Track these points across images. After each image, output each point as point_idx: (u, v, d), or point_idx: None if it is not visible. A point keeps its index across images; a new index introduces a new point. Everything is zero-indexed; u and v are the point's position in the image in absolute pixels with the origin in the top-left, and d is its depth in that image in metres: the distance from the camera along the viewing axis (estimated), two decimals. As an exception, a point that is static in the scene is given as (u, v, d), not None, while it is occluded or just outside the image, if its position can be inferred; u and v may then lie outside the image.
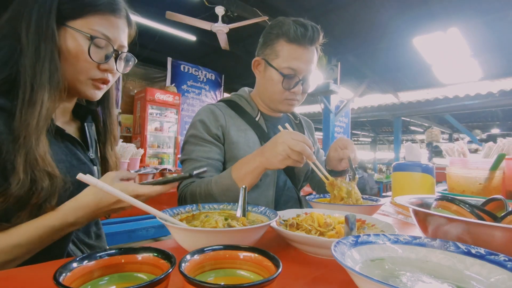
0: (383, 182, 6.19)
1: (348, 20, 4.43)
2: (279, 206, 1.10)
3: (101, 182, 0.46)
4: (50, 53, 0.62)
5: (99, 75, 0.70)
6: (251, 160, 0.85)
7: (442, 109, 6.82)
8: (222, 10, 3.90)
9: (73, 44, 0.66)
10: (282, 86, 1.02)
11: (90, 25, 0.66)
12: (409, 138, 15.04)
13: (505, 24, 4.16)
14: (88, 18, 0.66)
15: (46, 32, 0.62)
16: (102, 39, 0.68)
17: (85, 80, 0.69)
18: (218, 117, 1.03)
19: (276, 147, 0.79)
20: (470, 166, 1.02)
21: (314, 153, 1.30)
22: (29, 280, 0.45)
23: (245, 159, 0.88)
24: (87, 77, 0.69)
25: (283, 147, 0.77)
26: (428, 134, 8.60)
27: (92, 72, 0.69)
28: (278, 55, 1.02)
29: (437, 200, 0.63)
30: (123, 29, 0.73)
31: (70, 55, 0.66)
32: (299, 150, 0.76)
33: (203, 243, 0.42)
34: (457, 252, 0.43)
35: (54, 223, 0.59)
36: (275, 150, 0.79)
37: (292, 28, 0.99)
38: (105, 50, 0.70)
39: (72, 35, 0.66)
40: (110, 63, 0.71)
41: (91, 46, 0.66)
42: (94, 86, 0.72)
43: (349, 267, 0.33)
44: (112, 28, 0.69)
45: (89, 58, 0.67)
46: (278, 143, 0.79)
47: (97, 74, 0.70)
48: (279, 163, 0.79)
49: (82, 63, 0.67)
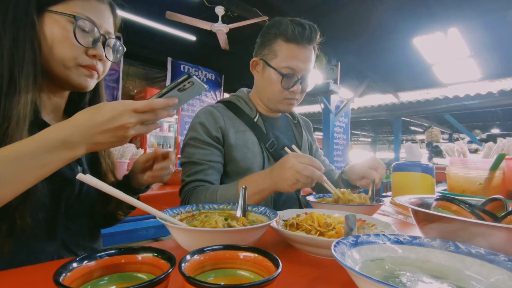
0: (383, 182, 6.19)
1: (348, 20, 4.43)
2: (278, 206, 1.10)
3: (101, 182, 0.46)
4: (30, 42, 0.61)
5: (88, 61, 0.68)
6: (259, 181, 0.84)
7: (442, 109, 6.82)
8: (222, 10, 3.90)
9: (57, 29, 0.63)
10: (281, 86, 1.02)
11: (73, 9, 0.64)
12: (409, 138, 15.04)
13: (504, 24, 4.16)
14: (69, 2, 0.65)
15: (25, 21, 0.61)
16: (87, 21, 0.66)
17: (73, 66, 0.66)
18: (218, 119, 1.03)
19: (284, 173, 0.78)
20: (470, 166, 1.02)
21: (312, 153, 1.31)
22: (29, 280, 0.45)
23: (253, 177, 0.87)
24: (75, 63, 0.66)
25: (291, 173, 0.77)
26: (428, 134, 8.60)
27: (80, 58, 0.66)
28: (277, 55, 1.02)
29: (437, 200, 0.63)
30: (107, 15, 0.71)
31: (55, 41, 0.63)
32: (307, 175, 0.76)
33: (203, 243, 0.42)
34: (457, 252, 0.43)
35: (42, 136, 0.51)
36: (283, 175, 0.78)
37: (289, 28, 0.99)
38: (91, 35, 0.67)
39: (55, 19, 0.64)
40: (98, 49, 0.68)
41: (76, 28, 0.64)
42: (84, 74, 0.68)
43: (349, 267, 0.33)
44: (95, 12, 0.68)
45: (76, 41, 0.64)
46: (285, 168, 0.78)
47: (85, 60, 0.67)
48: (289, 187, 0.79)
49: (68, 48, 0.64)
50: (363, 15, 4.27)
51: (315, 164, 0.77)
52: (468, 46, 4.85)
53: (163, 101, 0.56)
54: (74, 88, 0.72)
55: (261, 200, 0.86)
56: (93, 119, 0.52)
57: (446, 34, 4.45)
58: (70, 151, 0.52)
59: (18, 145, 0.50)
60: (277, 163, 0.83)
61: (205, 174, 0.97)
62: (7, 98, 0.58)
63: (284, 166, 0.79)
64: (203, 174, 0.97)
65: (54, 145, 0.50)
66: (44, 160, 0.50)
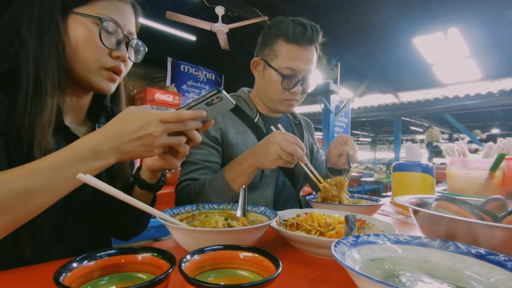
0: (383, 182, 6.19)
1: (348, 20, 4.43)
2: (278, 206, 1.10)
3: (101, 182, 0.46)
4: (55, 44, 0.61)
5: (111, 63, 0.67)
6: (242, 160, 0.85)
7: (442, 109, 6.82)
8: (222, 10, 3.90)
9: (82, 31, 0.63)
10: (282, 87, 1.02)
11: (97, 10, 0.64)
12: (409, 138, 15.04)
13: (504, 24, 4.16)
14: (94, 4, 0.64)
15: (50, 23, 0.61)
16: (111, 23, 0.65)
17: (97, 69, 0.66)
18: (217, 120, 1.03)
19: (267, 148, 0.79)
20: (470, 166, 1.02)
21: (313, 154, 1.31)
22: (29, 280, 0.45)
23: (237, 159, 0.88)
24: (99, 66, 0.66)
25: (274, 148, 0.78)
26: (428, 134, 8.59)
27: (104, 60, 0.66)
28: (277, 55, 1.02)
29: (437, 200, 0.63)
30: (130, 15, 0.71)
31: (80, 43, 0.63)
32: (290, 152, 0.77)
33: (203, 243, 0.42)
34: (457, 252, 0.43)
35: (75, 147, 0.52)
36: (266, 150, 0.79)
37: (291, 28, 0.99)
38: (115, 36, 0.67)
39: (80, 21, 0.64)
40: (121, 50, 0.68)
41: (101, 30, 0.64)
42: (107, 77, 0.69)
43: (349, 267, 0.33)
44: (119, 13, 0.67)
45: (101, 44, 0.64)
46: (269, 143, 0.79)
47: (109, 62, 0.67)
48: (270, 163, 0.79)
49: (93, 50, 0.64)
50: (363, 15, 4.28)
51: (298, 143, 0.78)
52: (468, 46, 4.85)
53: (190, 112, 0.57)
54: (95, 91, 0.71)
55: (247, 181, 0.85)
56: (122, 128, 0.53)
57: (446, 34, 4.45)
58: (101, 160, 0.53)
59: (54, 156, 0.51)
60: (261, 140, 0.84)
61: (200, 173, 0.98)
62: (33, 101, 0.58)
63: (269, 141, 0.80)
64: (197, 173, 0.97)
65: (86, 154, 0.51)
66: (78, 170, 0.50)
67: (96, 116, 0.78)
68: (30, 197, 0.48)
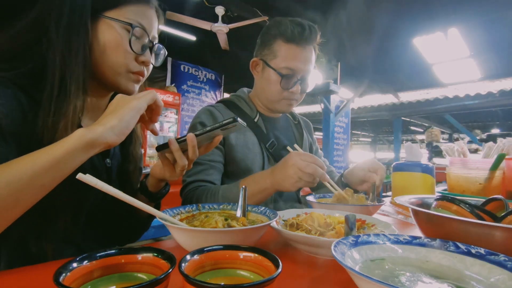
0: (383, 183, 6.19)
1: (348, 20, 4.43)
2: (278, 206, 1.10)
3: (101, 182, 0.46)
4: (82, 48, 0.61)
5: (137, 67, 0.68)
6: (260, 180, 0.84)
7: (442, 109, 6.82)
8: (222, 10, 3.90)
9: (111, 35, 0.64)
10: (281, 86, 1.02)
11: (126, 15, 0.65)
12: (409, 138, 15.04)
13: (505, 24, 4.16)
14: (123, 8, 0.65)
15: (79, 27, 0.61)
16: (140, 29, 0.66)
17: (124, 73, 0.67)
18: (218, 119, 1.03)
19: (286, 170, 0.78)
20: (470, 166, 1.02)
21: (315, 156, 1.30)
22: (29, 280, 0.45)
23: (255, 177, 0.87)
24: (126, 70, 0.67)
25: (293, 170, 0.76)
26: (428, 134, 8.59)
27: (131, 64, 0.67)
28: (276, 55, 1.02)
29: (437, 200, 0.63)
30: (154, 20, 0.72)
31: (108, 47, 0.64)
32: (310, 172, 0.75)
33: (203, 243, 0.42)
34: (457, 252, 0.43)
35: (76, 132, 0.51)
36: (286, 173, 0.78)
37: (289, 28, 0.99)
38: (142, 41, 0.68)
39: (109, 25, 0.64)
40: (146, 55, 0.69)
41: (132, 36, 0.64)
42: (133, 80, 0.69)
43: (349, 267, 0.33)
44: (146, 18, 0.68)
45: (129, 49, 0.65)
46: (288, 166, 0.78)
47: (135, 67, 0.68)
48: (291, 186, 0.78)
49: (121, 54, 0.65)
50: (363, 15, 4.27)
51: (317, 162, 0.77)
52: (468, 46, 4.85)
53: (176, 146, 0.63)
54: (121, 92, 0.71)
55: (262, 200, 0.85)
56: (119, 97, 0.58)
57: (446, 34, 4.45)
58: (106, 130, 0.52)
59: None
60: (279, 162, 0.82)
61: (206, 174, 0.97)
62: (57, 103, 0.58)
63: (287, 164, 0.78)
64: (204, 174, 0.97)
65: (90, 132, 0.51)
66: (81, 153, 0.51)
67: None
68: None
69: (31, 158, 0.47)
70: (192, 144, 0.62)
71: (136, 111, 0.55)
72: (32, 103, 0.59)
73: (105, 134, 0.51)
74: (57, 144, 0.50)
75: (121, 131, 0.53)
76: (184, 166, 0.65)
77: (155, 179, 0.74)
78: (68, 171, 0.50)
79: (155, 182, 0.74)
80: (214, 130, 0.61)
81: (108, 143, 0.53)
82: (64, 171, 0.50)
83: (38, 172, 0.46)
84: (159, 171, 0.71)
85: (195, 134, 0.62)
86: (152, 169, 0.74)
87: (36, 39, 0.61)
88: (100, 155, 0.70)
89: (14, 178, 0.45)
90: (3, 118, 0.53)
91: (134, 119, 0.55)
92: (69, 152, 0.49)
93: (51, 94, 0.58)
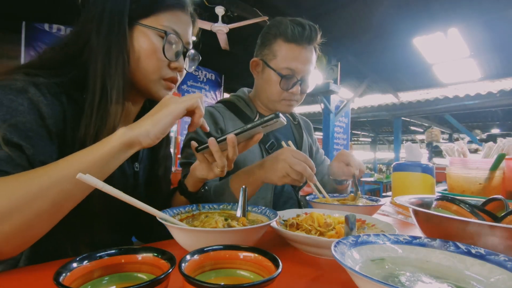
0: (383, 182, 6.19)
1: (348, 20, 4.43)
2: (277, 207, 1.10)
3: (101, 183, 0.46)
4: (121, 56, 0.62)
5: (170, 73, 0.69)
6: (250, 172, 0.84)
7: (442, 109, 6.81)
8: (222, 10, 3.89)
9: (146, 42, 0.65)
10: (280, 87, 1.02)
11: (161, 22, 0.65)
12: (409, 138, 15.03)
13: (505, 24, 4.16)
14: (158, 15, 0.66)
15: (118, 33, 0.62)
16: (174, 36, 0.67)
17: (157, 79, 0.68)
18: (217, 120, 1.03)
19: (276, 164, 0.78)
20: (470, 166, 1.02)
21: (312, 155, 1.30)
22: (29, 281, 0.45)
23: (246, 169, 0.87)
24: (159, 77, 0.68)
25: (283, 165, 0.76)
26: (428, 134, 8.59)
27: (163, 71, 0.68)
28: (276, 56, 1.02)
29: (437, 200, 0.63)
30: (189, 25, 0.72)
31: (142, 54, 0.65)
32: (299, 170, 0.75)
33: (203, 243, 0.42)
34: (457, 252, 0.43)
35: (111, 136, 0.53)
36: (275, 167, 0.78)
37: (289, 28, 0.99)
38: (175, 48, 0.68)
39: (144, 32, 0.65)
40: (180, 61, 0.70)
41: (165, 43, 0.65)
42: (165, 86, 0.70)
43: (349, 267, 0.33)
44: (181, 24, 0.69)
45: (163, 56, 0.66)
46: (279, 159, 0.78)
47: (168, 73, 0.69)
48: (277, 179, 0.78)
49: (154, 61, 0.66)
50: (363, 15, 4.27)
51: (308, 162, 0.77)
52: (468, 46, 4.85)
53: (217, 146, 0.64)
54: (153, 99, 0.73)
55: (252, 193, 0.85)
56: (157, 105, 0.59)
57: (446, 34, 4.45)
58: (141, 136, 0.54)
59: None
60: (271, 155, 0.83)
61: None
62: (99, 111, 0.59)
63: (278, 157, 0.78)
64: None
65: (125, 140, 0.53)
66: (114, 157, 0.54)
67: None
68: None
69: (77, 158, 0.50)
70: (233, 145, 0.63)
71: (172, 117, 0.56)
72: (73, 106, 0.61)
73: (140, 137, 0.54)
74: (100, 143, 0.52)
75: (156, 135, 0.55)
76: (224, 166, 0.66)
77: (194, 179, 0.75)
78: (110, 170, 0.53)
79: (194, 182, 0.75)
80: (255, 128, 0.61)
81: (142, 146, 0.55)
82: (107, 170, 0.52)
83: (85, 171, 0.47)
84: (199, 171, 0.72)
85: (235, 133, 0.62)
86: (192, 169, 0.75)
87: (80, 49, 0.63)
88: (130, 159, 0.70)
89: (63, 177, 0.48)
90: (48, 118, 0.56)
91: (170, 124, 0.57)
92: (111, 150, 0.51)
93: (92, 102, 0.60)
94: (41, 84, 0.56)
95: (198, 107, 0.60)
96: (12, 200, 0.45)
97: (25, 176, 0.47)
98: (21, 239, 0.48)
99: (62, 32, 4.19)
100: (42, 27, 4.07)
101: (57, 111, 0.58)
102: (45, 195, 0.47)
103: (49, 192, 0.47)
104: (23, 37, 3.97)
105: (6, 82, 0.54)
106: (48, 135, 0.56)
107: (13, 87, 0.54)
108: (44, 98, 0.56)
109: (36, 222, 0.47)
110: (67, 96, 0.60)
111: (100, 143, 0.52)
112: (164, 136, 0.57)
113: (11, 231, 0.45)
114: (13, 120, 0.51)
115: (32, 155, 0.53)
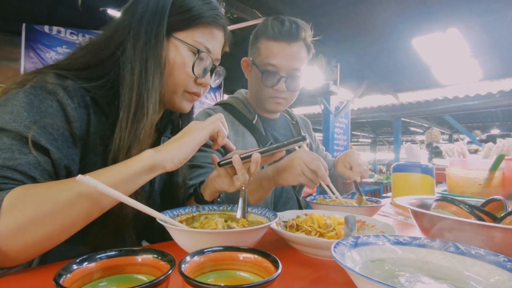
0: (383, 183, 6.19)
1: (348, 21, 4.44)
2: (277, 208, 1.10)
3: (101, 184, 0.46)
4: (158, 67, 0.62)
5: (194, 88, 0.70)
6: (262, 175, 0.84)
7: (441, 109, 6.82)
8: (222, 12, 3.90)
9: (178, 56, 0.65)
10: (262, 83, 1.03)
11: (194, 37, 0.66)
12: (409, 139, 15.03)
13: (504, 24, 4.17)
14: (193, 30, 0.66)
15: (155, 46, 0.62)
16: (205, 53, 0.67)
17: (181, 92, 0.69)
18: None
19: (291, 162, 0.79)
20: (469, 167, 1.02)
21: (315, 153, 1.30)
22: (29, 282, 0.45)
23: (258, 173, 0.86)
24: (184, 90, 0.69)
25: (298, 162, 0.77)
26: (428, 135, 8.60)
27: (189, 85, 0.68)
28: (260, 53, 1.04)
29: (436, 200, 0.63)
30: (221, 41, 0.72)
31: (172, 67, 0.65)
32: (313, 168, 0.76)
33: (203, 244, 0.42)
34: (456, 252, 0.43)
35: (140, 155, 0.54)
36: (290, 165, 0.79)
37: (269, 26, 1.02)
38: (204, 64, 0.69)
39: (177, 46, 0.65)
40: (206, 78, 0.70)
41: (196, 60, 0.66)
42: (188, 99, 0.71)
43: (349, 268, 0.33)
44: (213, 40, 0.69)
45: (191, 72, 0.66)
46: (293, 158, 0.79)
47: (192, 87, 0.69)
48: (293, 178, 0.78)
49: (182, 76, 0.66)
50: (363, 16, 4.28)
51: (322, 162, 0.78)
52: (468, 46, 4.85)
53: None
54: (176, 110, 0.73)
55: (264, 196, 0.85)
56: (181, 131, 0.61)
57: (445, 34, 4.45)
58: (165, 161, 0.56)
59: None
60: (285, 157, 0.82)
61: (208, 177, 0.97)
62: (133, 124, 0.60)
63: (293, 157, 0.79)
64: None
65: (151, 163, 0.55)
66: (138, 178, 0.55)
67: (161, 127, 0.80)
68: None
69: (107, 174, 0.51)
70: (257, 164, 0.65)
71: (195, 144, 0.58)
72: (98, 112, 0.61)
73: (165, 162, 0.55)
74: (129, 163, 0.53)
75: (179, 160, 0.57)
76: (245, 181, 0.66)
77: (212, 190, 0.76)
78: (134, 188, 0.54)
79: (212, 192, 0.76)
80: (280, 148, 0.64)
81: (165, 170, 0.56)
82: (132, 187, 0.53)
83: (112, 187, 0.48)
84: (219, 184, 0.73)
85: (260, 151, 0.64)
86: (210, 180, 0.76)
87: (111, 55, 0.63)
88: None
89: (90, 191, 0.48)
90: (74, 122, 0.56)
91: (193, 151, 0.58)
92: (137, 171, 0.53)
93: (127, 117, 0.60)
94: (69, 87, 0.57)
95: (220, 130, 0.62)
96: (39, 211, 0.45)
97: (54, 188, 0.48)
98: (39, 249, 0.48)
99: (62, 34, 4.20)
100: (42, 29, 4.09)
101: (82, 115, 0.58)
102: (72, 208, 0.47)
103: (76, 206, 0.47)
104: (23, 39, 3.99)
105: (38, 83, 0.55)
106: (72, 138, 0.56)
107: (44, 88, 0.54)
108: (71, 101, 0.56)
109: (57, 234, 0.47)
110: (93, 101, 0.60)
111: (129, 162, 0.53)
112: (187, 160, 0.58)
113: (32, 241, 0.45)
114: (42, 122, 0.52)
115: (57, 160, 0.53)
